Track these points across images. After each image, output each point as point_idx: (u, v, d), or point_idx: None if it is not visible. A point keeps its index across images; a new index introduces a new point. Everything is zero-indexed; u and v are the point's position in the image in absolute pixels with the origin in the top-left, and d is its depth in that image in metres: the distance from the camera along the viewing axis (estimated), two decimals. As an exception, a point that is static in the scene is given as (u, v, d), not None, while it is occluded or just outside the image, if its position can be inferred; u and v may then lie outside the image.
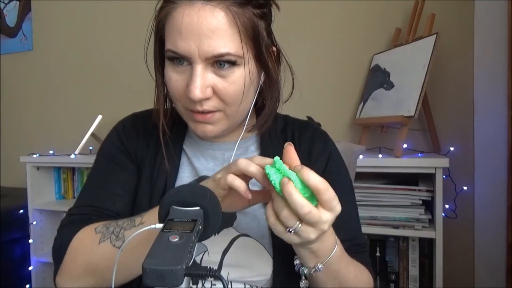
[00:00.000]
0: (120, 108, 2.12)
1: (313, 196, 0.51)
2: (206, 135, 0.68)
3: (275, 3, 0.70)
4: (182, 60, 0.62)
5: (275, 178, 0.51)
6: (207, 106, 0.64)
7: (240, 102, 0.65)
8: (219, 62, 0.61)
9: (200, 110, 0.64)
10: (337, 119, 1.72)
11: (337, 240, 0.60)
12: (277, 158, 0.53)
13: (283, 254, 0.68)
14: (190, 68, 0.62)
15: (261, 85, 0.70)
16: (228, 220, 0.71)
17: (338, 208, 0.51)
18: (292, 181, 0.50)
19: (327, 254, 0.58)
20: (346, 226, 0.73)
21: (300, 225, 0.51)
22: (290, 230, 0.51)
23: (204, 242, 0.69)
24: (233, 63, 0.61)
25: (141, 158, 0.75)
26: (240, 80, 0.63)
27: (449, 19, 1.52)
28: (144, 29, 0.67)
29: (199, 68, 0.61)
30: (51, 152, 2.01)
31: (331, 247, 0.58)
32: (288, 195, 0.49)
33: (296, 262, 0.62)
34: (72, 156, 1.84)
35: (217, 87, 0.62)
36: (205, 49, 0.59)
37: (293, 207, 0.49)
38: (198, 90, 0.60)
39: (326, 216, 0.51)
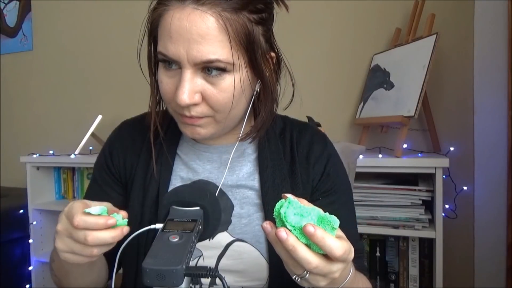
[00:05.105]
0: (120, 108, 2.14)
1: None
2: (195, 137, 0.67)
3: (284, 4, 0.68)
4: (173, 63, 0.61)
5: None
6: (195, 112, 0.62)
7: (229, 110, 0.63)
8: (208, 68, 0.59)
9: (188, 115, 0.63)
10: (337, 119, 1.72)
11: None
12: (290, 197, 0.49)
13: (279, 259, 0.67)
14: (180, 72, 0.61)
15: (257, 91, 0.68)
16: (223, 224, 0.70)
17: (351, 257, 0.49)
18: (292, 227, 0.47)
19: (343, 280, 0.56)
20: (344, 232, 0.73)
21: (307, 274, 0.49)
22: (296, 278, 0.49)
23: (199, 247, 0.68)
24: (223, 70, 0.60)
25: (130, 172, 0.75)
26: (230, 87, 0.61)
27: (449, 19, 1.52)
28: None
29: (188, 73, 0.59)
30: (51, 152, 2.01)
31: (348, 273, 0.56)
32: (291, 252, 0.47)
33: None
34: (72, 156, 1.84)
35: (206, 93, 0.61)
36: (193, 54, 0.58)
37: (297, 261, 0.47)
38: (185, 96, 0.59)
39: (337, 266, 0.49)
